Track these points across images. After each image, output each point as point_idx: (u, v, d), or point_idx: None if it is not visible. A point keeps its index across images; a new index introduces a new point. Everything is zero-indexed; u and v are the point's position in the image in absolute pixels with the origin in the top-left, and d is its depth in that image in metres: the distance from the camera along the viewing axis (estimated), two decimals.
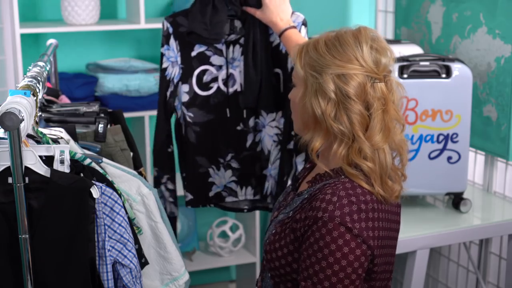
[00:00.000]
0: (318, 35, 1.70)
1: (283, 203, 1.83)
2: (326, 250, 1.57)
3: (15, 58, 2.94)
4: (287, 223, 1.70)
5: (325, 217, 1.58)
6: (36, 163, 1.58)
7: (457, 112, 2.65)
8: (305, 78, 1.66)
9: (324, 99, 1.63)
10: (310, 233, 1.60)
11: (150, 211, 1.87)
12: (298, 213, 1.67)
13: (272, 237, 1.72)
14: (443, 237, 2.61)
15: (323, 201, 1.60)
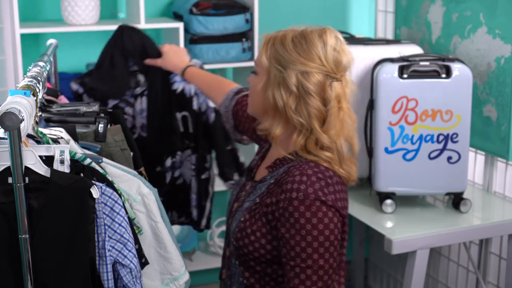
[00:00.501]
0: (284, 30, 1.81)
1: (242, 194, 1.95)
2: (308, 225, 1.71)
3: (15, 58, 2.94)
4: (256, 209, 1.83)
5: (300, 196, 1.72)
6: (36, 163, 1.58)
7: (457, 112, 2.65)
8: (269, 69, 1.79)
9: (286, 92, 1.77)
10: (288, 215, 1.73)
11: (150, 211, 1.86)
12: (267, 197, 1.81)
13: (242, 225, 1.83)
14: (443, 237, 2.61)
15: (294, 182, 1.74)
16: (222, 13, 3.19)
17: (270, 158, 1.92)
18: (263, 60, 1.80)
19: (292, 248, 1.73)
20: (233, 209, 1.95)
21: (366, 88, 2.81)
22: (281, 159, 1.85)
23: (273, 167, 1.87)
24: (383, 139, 2.68)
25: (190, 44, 3.19)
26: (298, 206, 1.71)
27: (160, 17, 3.39)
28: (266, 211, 1.79)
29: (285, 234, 1.74)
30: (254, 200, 1.85)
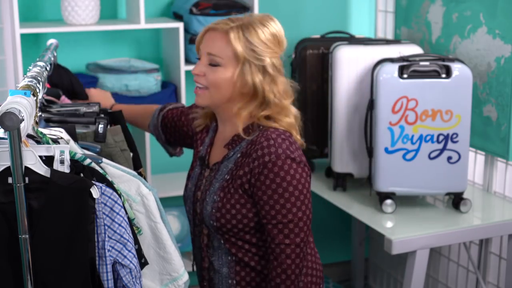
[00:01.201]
0: (229, 21, 1.99)
1: (201, 182, 2.10)
2: (284, 183, 1.91)
3: (15, 58, 2.94)
4: (228, 185, 1.99)
5: (272, 158, 1.91)
6: (36, 163, 1.58)
7: (457, 112, 2.65)
8: (244, 59, 1.96)
9: (264, 76, 1.99)
10: (263, 178, 1.92)
11: (150, 211, 1.86)
12: (238, 171, 1.98)
13: (219, 204, 1.99)
14: (443, 237, 2.61)
15: (263, 148, 1.93)
16: (222, 13, 3.19)
17: (223, 140, 2.09)
18: (238, 51, 1.95)
19: (272, 207, 1.93)
20: (199, 198, 2.09)
21: (366, 88, 2.81)
22: (238, 135, 2.02)
23: (231, 144, 2.04)
24: (383, 139, 2.68)
25: (190, 44, 3.19)
26: (272, 168, 1.91)
27: (160, 17, 3.39)
28: (240, 182, 1.97)
29: (262, 196, 1.93)
30: (223, 179, 2.02)
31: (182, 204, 3.53)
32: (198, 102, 2.05)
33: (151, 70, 3.21)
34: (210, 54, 1.99)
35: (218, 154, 2.10)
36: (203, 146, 2.19)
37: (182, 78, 3.18)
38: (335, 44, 2.97)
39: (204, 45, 2.02)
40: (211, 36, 2.00)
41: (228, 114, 2.06)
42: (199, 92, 2.03)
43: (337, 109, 2.92)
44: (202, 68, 2.01)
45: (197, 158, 2.19)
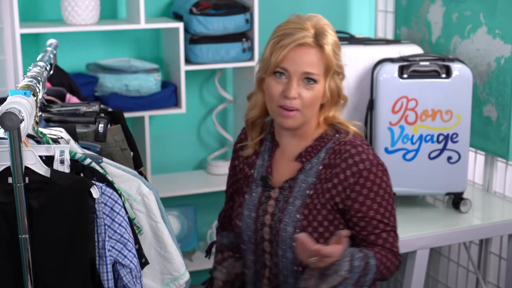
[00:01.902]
0: (308, 23, 1.90)
1: (268, 204, 1.93)
2: (380, 191, 1.85)
3: (15, 58, 2.94)
4: (312, 202, 1.86)
5: (366, 165, 1.84)
6: (36, 163, 1.58)
7: (457, 112, 2.65)
8: (333, 65, 1.87)
9: (340, 78, 1.92)
10: (359, 188, 1.84)
11: (151, 210, 1.86)
12: (324, 184, 1.86)
13: (303, 222, 1.85)
14: (443, 237, 2.61)
15: (353, 156, 1.85)
16: (222, 13, 3.19)
17: (289, 155, 1.95)
18: (332, 64, 1.86)
19: (373, 218, 1.85)
20: (267, 222, 1.92)
21: (366, 88, 2.81)
22: (313, 146, 1.91)
23: (305, 156, 1.92)
24: (383, 139, 2.68)
25: (190, 44, 3.19)
26: (368, 176, 1.84)
27: (160, 17, 3.39)
28: (329, 196, 1.86)
29: (361, 208, 1.84)
30: (304, 195, 1.88)
31: (182, 204, 3.53)
32: (289, 125, 1.88)
33: (151, 70, 3.21)
34: (307, 73, 1.84)
35: (286, 171, 1.95)
36: (255, 168, 2.01)
37: (182, 78, 3.18)
38: None
39: (294, 63, 1.84)
40: (302, 52, 1.84)
41: (303, 128, 1.92)
42: (292, 114, 1.85)
43: None
44: (297, 89, 1.84)
45: (252, 181, 2.00)
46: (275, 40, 1.87)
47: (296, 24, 1.88)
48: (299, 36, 1.84)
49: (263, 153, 2.01)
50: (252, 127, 2.01)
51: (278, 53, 1.84)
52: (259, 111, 1.98)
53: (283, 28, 1.89)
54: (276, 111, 1.88)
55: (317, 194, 1.87)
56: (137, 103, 3.18)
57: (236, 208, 2.02)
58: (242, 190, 2.02)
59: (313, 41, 1.85)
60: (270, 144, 2.00)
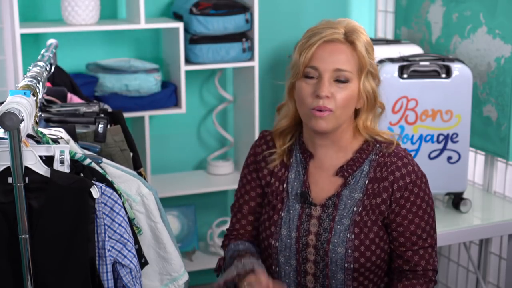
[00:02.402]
0: (340, 23, 1.78)
1: (310, 223, 1.81)
2: (423, 204, 1.78)
3: (15, 58, 2.94)
4: (362, 219, 1.77)
5: (412, 178, 1.77)
6: (36, 163, 1.58)
7: (457, 112, 2.65)
8: (366, 62, 1.77)
9: (375, 80, 1.81)
10: (403, 202, 1.77)
11: (150, 211, 1.86)
12: (373, 199, 1.77)
13: (355, 242, 1.76)
14: (443, 237, 2.61)
15: (400, 168, 1.77)
16: (222, 13, 3.19)
17: (328, 169, 1.83)
18: (365, 62, 1.76)
19: (413, 233, 1.78)
20: (312, 243, 1.80)
21: None
22: (354, 159, 1.81)
23: (346, 170, 1.81)
24: None
25: (190, 44, 3.19)
26: (413, 189, 1.77)
27: (160, 17, 3.39)
28: (379, 211, 1.78)
29: (403, 222, 1.77)
30: (352, 212, 1.78)
31: (182, 204, 3.53)
32: (322, 128, 1.75)
33: (151, 70, 3.21)
34: (339, 70, 1.73)
35: (327, 186, 1.83)
36: (288, 183, 1.86)
37: (182, 78, 3.18)
38: None
39: (324, 60, 1.73)
40: (332, 49, 1.74)
41: (338, 136, 1.80)
42: (325, 115, 1.73)
43: None
44: (330, 87, 1.73)
45: (287, 196, 1.86)
46: (303, 41, 1.78)
47: (326, 24, 1.79)
48: (328, 33, 1.75)
49: (294, 166, 1.87)
50: (280, 136, 1.89)
51: (306, 53, 1.74)
52: (289, 121, 1.87)
53: (311, 30, 1.80)
54: (308, 113, 1.76)
55: (366, 211, 1.78)
56: (137, 103, 3.18)
57: (267, 227, 1.87)
58: (275, 208, 1.87)
59: (343, 37, 1.75)
60: (302, 156, 1.87)
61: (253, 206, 1.94)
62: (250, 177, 1.94)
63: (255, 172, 1.93)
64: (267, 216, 1.88)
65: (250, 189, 1.94)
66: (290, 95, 1.84)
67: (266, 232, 1.86)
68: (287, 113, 1.87)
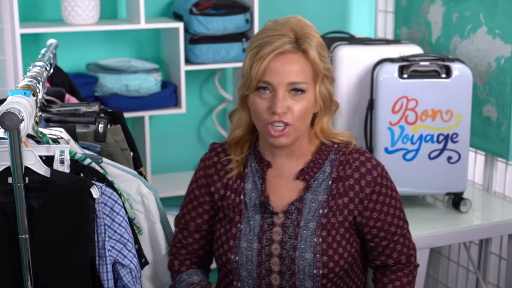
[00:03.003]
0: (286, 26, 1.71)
1: (272, 231, 1.74)
2: (393, 193, 1.79)
3: (15, 58, 2.94)
4: (329, 221, 1.73)
5: (379, 171, 1.77)
6: (36, 163, 1.58)
7: (457, 112, 2.65)
8: (320, 69, 1.71)
9: (328, 80, 1.76)
10: (376, 197, 1.76)
11: (150, 211, 1.86)
12: (338, 199, 1.74)
13: (323, 245, 1.71)
14: (443, 237, 2.61)
15: (364, 163, 1.76)
16: (222, 13, 3.19)
17: (287, 175, 1.78)
18: (320, 69, 1.71)
19: (391, 224, 1.78)
20: (276, 252, 1.73)
21: (366, 88, 2.81)
22: (314, 161, 1.77)
23: (307, 173, 1.76)
24: (383, 139, 2.68)
25: (190, 44, 3.19)
26: (382, 181, 1.77)
27: (160, 17, 3.39)
28: (348, 212, 1.74)
29: (379, 216, 1.77)
30: (318, 215, 1.73)
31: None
32: (283, 143, 1.70)
33: (151, 70, 3.21)
34: (293, 83, 1.67)
35: (287, 192, 1.77)
36: (245, 194, 1.79)
37: (182, 78, 3.18)
38: (335, 44, 2.97)
39: (278, 74, 1.67)
40: (285, 61, 1.67)
41: (297, 144, 1.76)
42: (284, 133, 1.68)
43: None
44: (285, 102, 1.67)
45: (245, 208, 1.78)
46: (253, 52, 1.69)
47: (274, 30, 1.69)
48: (278, 44, 1.66)
49: (250, 176, 1.80)
50: (236, 146, 1.82)
51: (257, 66, 1.66)
52: (244, 130, 1.80)
53: (260, 37, 1.70)
54: (265, 129, 1.70)
55: (332, 212, 1.74)
56: (137, 103, 3.18)
57: (225, 241, 1.78)
58: (232, 220, 1.78)
59: (295, 46, 1.68)
60: (258, 165, 1.80)
61: (199, 223, 1.86)
62: (199, 192, 1.86)
63: (204, 187, 1.85)
64: (223, 230, 1.80)
65: (197, 205, 1.86)
66: (243, 104, 1.78)
67: (224, 247, 1.78)
68: (240, 122, 1.81)
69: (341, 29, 3.48)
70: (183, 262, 1.89)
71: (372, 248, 1.81)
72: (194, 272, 1.87)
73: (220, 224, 1.82)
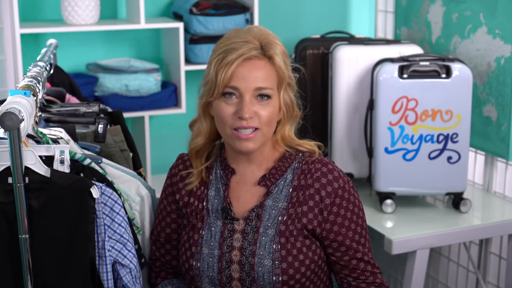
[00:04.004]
0: (251, 35, 1.72)
1: (233, 237, 1.73)
2: (355, 208, 1.74)
3: (15, 58, 2.94)
4: (288, 228, 1.71)
5: (340, 183, 1.73)
6: (36, 163, 1.58)
7: (457, 112, 2.65)
8: (285, 76, 1.72)
9: (290, 88, 1.77)
10: (336, 209, 1.72)
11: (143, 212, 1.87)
12: (298, 208, 1.72)
13: (282, 252, 1.69)
14: (443, 237, 2.61)
15: (326, 175, 1.73)
16: (222, 13, 3.19)
17: (250, 182, 1.77)
18: (285, 75, 1.72)
19: (353, 240, 1.74)
20: (236, 259, 1.72)
21: (366, 88, 2.81)
22: (276, 167, 1.76)
23: (269, 179, 1.76)
24: (383, 139, 2.68)
25: (190, 44, 3.19)
26: (343, 194, 1.73)
27: (160, 17, 3.39)
28: (307, 221, 1.71)
29: (340, 229, 1.72)
30: (277, 222, 1.71)
31: None
32: (249, 149, 1.70)
33: (151, 70, 3.21)
34: (260, 89, 1.68)
35: (249, 198, 1.76)
36: (208, 201, 1.79)
37: (182, 78, 3.18)
38: (335, 44, 2.97)
39: (244, 79, 1.67)
40: (251, 66, 1.68)
41: (261, 150, 1.75)
42: (251, 136, 1.68)
43: (337, 109, 2.92)
44: (252, 107, 1.67)
45: (207, 214, 1.77)
46: (218, 58, 1.70)
47: (237, 38, 1.70)
48: (244, 50, 1.67)
49: (214, 183, 1.80)
50: (196, 156, 1.81)
51: (224, 72, 1.67)
52: (204, 139, 1.79)
53: (224, 44, 1.71)
54: (231, 135, 1.70)
55: (291, 219, 1.71)
56: (137, 103, 3.18)
57: (188, 248, 1.77)
58: (195, 227, 1.78)
59: (260, 52, 1.69)
60: (223, 172, 1.80)
61: (168, 233, 1.86)
62: (166, 201, 1.86)
63: (171, 196, 1.85)
64: (186, 237, 1.79)
65: (165, 215, 1.86)
66: (204, 112, 1.77)
67: (187, 253, 1.77)
68: (200, 131, 1.80)
69: (341, 29, 3.48)
70: (158, 274, 1.89)
71: (335, 262, 1.77)
72: (169, 282, 1.87)
73: (184, 231, 1.81)
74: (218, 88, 1.68)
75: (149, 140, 3.22)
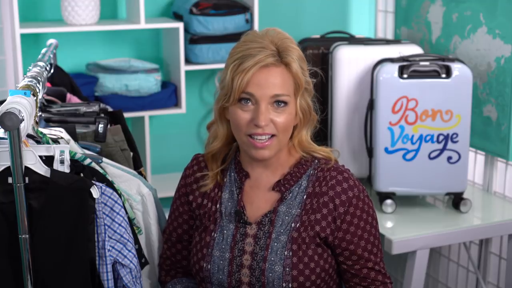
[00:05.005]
0: (267, 39, 1.69)
1: (245, 242, 1.72)
2: (369, 218, 1.73)
3: (15, 58, 2.94)
4: (300, 235, 1.70)
5: (355, 192, 1.71)
6: (36, 163, 1.58)
7: (457, 112, 2.65)
8: (302, 82, 1.70)
9: (307, 93, 1.75)
10: (350, 218, 1.71)
11: (147, 211, 1.87)
12: (311, 215, 1.70)
13: (293, 259, 1.68)
14: (443, 237, 2.61)
15: (341, 183, 1.72)
16: (222, 13, 3.19)
17: (264, 186, 1.77)
18: (302, 82, 1.70)
19: (365, 249, 1.72)
20: (246, 263, 1.71)
21: (366, 88, 2.81)
22: (291, 173, 1.75)
23: (283, 185, 1.74)
24: (383, 139, 2.68)
25: (190, 44, 3.19)
26: (357, 203, 1.71)
27: (160, 17, 3.39)
28: (319, 228, 1.70)
29: (353, 239, 1.71)
30: (290, 228, 1.70)
31: None
32: (265, 156, 1.69)
33: (151, 70, 3.21)
34: (276, 96, 1.66)
35: (263, 203, 1.75)
36: (222, 203, 1.78)
37: (182, 78, 3.18)
38: (335, 44, 2.97)
39: (261, 87, 1.65)
40: (268, 74, 1.66)
41: (277, 156, 1.74)
42: (267, 144, 1.67)
43: (337, 109, 2.92)
44: (267, 115, 1.66)
45: (220, 217, 1.77)
46: (235, 64, 1.67)
47: (254, 43, 1.68)
48: (261, 57, 1.65)
49: (228, 186, 1.79)
50: (212, 159, 1.81)
51: (240, 78, 1.64)
52: (221, 143, 1.79)
53: (241, 49, 1.69)
54: (246, 142, 1.69)
55: (304, 227, 1.70)
56: (137, 103, 3.18)
57: (199, 249, 1.77)
58: (207, 229, 1.77)
59: (277, 59, 1.67)
60: (237, 175, 1.79)
61: (180, 234, 1.86)
62: (179, 202, 1.86)
63: (184, 197, 1.85)
64: (198, 238, 1.78)
65: (178, 215, 1.86)
66: (221, 117, 1.77)
67: (198, 255, 1.76)
68: (217, 135, 1.80)
69: (341, 29, 3.48)
70: (168, 273, 1.90)
71: (346, 270, 1.76)
72: (178, 281, 1.87)
73: (196, 232, 1.81)
74: (234, 94, 1.67)
75: (149, 140, 3.22)
